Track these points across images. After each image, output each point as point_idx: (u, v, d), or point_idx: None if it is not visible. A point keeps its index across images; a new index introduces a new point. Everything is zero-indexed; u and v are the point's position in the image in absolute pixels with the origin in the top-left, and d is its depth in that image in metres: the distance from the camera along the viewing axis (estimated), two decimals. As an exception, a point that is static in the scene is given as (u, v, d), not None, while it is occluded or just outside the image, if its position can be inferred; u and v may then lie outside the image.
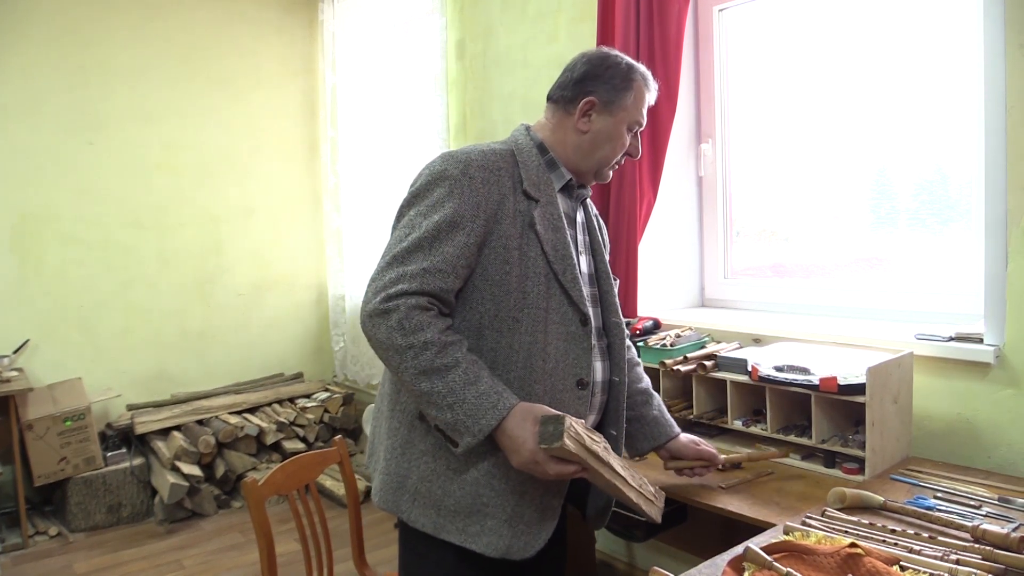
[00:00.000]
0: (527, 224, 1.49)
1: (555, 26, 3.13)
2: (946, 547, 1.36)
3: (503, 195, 1.48)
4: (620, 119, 1.59)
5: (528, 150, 1.58)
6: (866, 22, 2.42)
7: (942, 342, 2.01)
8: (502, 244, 1.46)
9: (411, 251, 1.41)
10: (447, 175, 1.46)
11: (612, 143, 1.60)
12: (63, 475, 3.66)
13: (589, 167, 1.62)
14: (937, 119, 2.29)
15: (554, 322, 1.49)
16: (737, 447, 2.11)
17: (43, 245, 3.98)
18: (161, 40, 4.25)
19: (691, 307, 2.89)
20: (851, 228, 2.59)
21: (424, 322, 1.37)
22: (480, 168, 1.47)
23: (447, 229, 1.42)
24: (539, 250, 1.48)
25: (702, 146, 2.84)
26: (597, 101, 1.58)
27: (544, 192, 1.53)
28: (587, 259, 1.65)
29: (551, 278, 1.49)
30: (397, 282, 1.39)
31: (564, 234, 1.52)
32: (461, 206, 1.43)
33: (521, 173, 1.53)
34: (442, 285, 1.41)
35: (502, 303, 1.46)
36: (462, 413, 1.37)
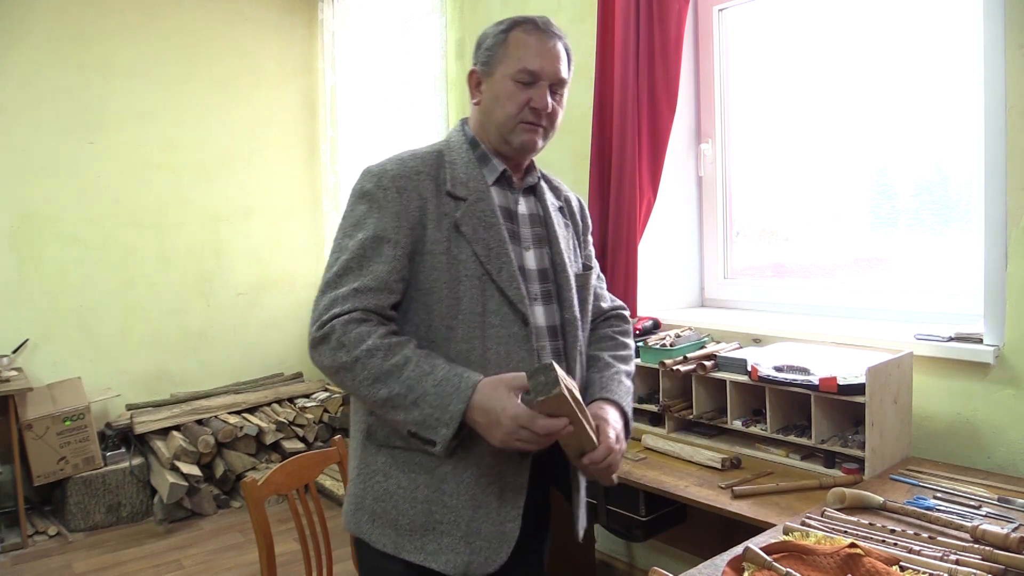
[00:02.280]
0: (453, 226, 1.43)
1: (555, 26, 3.12)
2: (946, 547, 1.36)
3: (424, 200, 1.43)
4: (501, 74, 1.49)
5: (458, 147, 1.53)
6: (866, 22, 2.42)
7: (942, 342, 2.01)
8: (429, 251, 1.42)
9: (341, 275, 1.39)
10: (364, 192, 1.44)
11: (501, 102, 1.49)
12: (62, 475, 3.66)
13: (497, 139, 1.52)
14: (937, 119, 2.29)
15: (493, 325, 1.42)
16: (737, 447, 2.11)
17: (43, 244, 3.98)
18: (161, 40, 4.26)
19: (691, 307, 2.89)
20: (851, 228, 2.59)
21: (364, 332, 1.34)
22: (395, 178, 1.43)
23: (372, 246, 1.39)
24: (469, 252, 1.42)
25: (702, 146, 2.84)
26: (477, 69, 1.54)
27: (473, 189, 1.47)
28: (538, 253, 1.55)
29: (486, 279, 1.42)
30: (330, 307, 1.37)
31: (498, 231, 1.45)
32: (381, 220, 1.40)
33: (446, 174, 1.48)
34: (376, 302, 1.38)
35: (434, 312, 1.42)
36: (428, 406, 1.32)
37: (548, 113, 1.50)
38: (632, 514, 2.13)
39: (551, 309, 1.53)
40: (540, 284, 1.52)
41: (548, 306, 1.53)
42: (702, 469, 2.01)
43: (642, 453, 2.16)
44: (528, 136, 1.50)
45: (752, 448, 2.08)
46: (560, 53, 1.52)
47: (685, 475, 1.98)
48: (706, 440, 2.18)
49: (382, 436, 1.46)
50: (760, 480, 1.90)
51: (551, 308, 1.53)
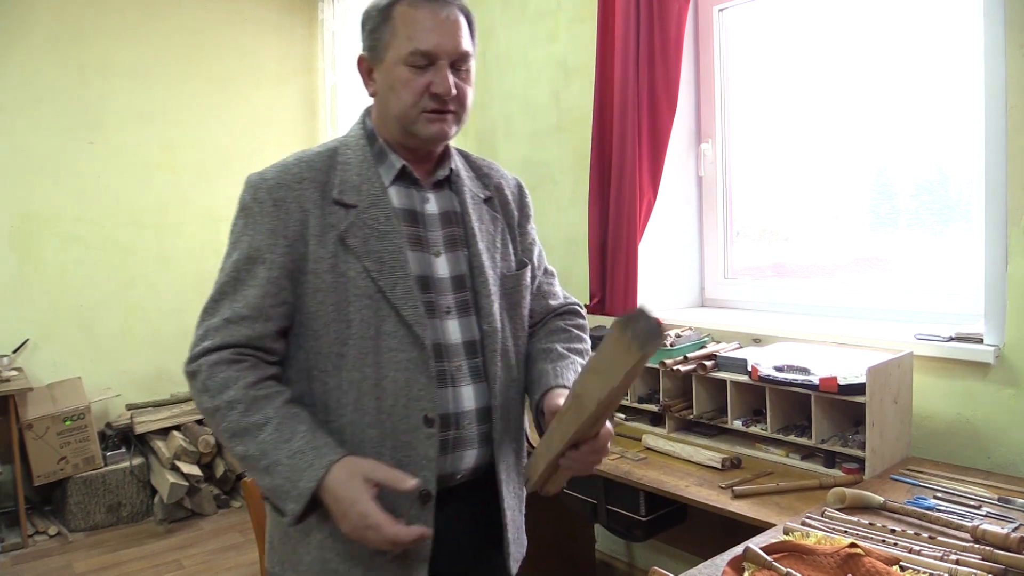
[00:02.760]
0: (338, 240, 1.26)
1: (555, 26, 3.13)
2: (946, 547, 1.36)
3: (305, 212, 1.26)
4: (392, 59, 1.28)
5: (355, 144, 1.34)
6: (866, 22, 2.41)
7: (942, 342, 2.01)
8: (312, 270, 1.25)
9: (217, 300, 1.26)
10: (243, 204, 1.29)
11: (396, 91, 1.28)
12: (62, 475, 3.66)
13: (400, 132, 1.32)
14: (937, 119, 2.29)
15: (389, 349, 1.25)
16: (737, 447, 2.11)
17: (43, 244, 3.98)
18: (161, 40, 4.25)
19: (691, 307, 2.89)
20: (851, 228, 2.59)
21: (229, 378, 1.21)
22: (273, 188, 1.26)
23: (246, 267, 1.25)
24: (359, 267, 1.25)
25: (702, 146, 2.84)
26: (365, 55, 1.34)
27: (366, 193, 1.29)
28: (452, 257, 1.35)
29: (379, 298, 1.25)
30: (203, 339, 1.24)
31: (392, 240, 1.27)
32: (255, 237, 1.25)
33: (336, 177, 1.30)
34: (249, 333, 1.23)
35: (323, 338, 1.26)
36: (279, 477, 1.18)
37: (455, 96, 1.29)
38: (632, 514, 2.13)
39: (468, 322, 1.34)
40: (455, 294, 1.34)
41: (465, 319, 1.34)
42: (702, 469, 2.01)
43: (642, 453, 2.16)
44: (436, 127, 1.30)
45: (752, 448, 2.08)
46: (459, 21, 1.30)
47: (685, 475, 1.98)
48: (706, 440, 2.18)
49: None
50: (760, 480, 1.90)
51: (468, 320, 1.34)
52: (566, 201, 3.13)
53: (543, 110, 3.22)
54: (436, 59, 1.27)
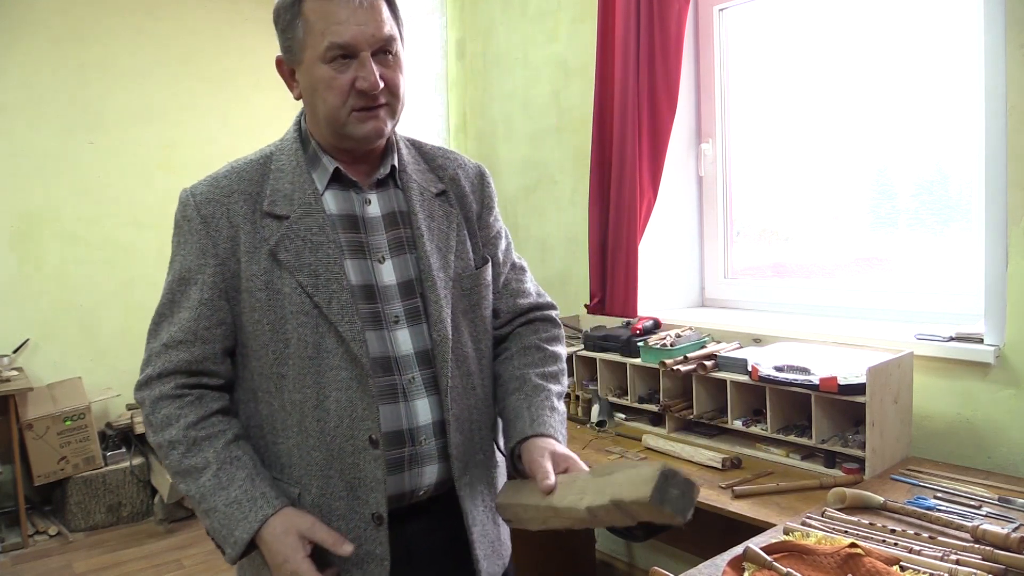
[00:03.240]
0: (270, 255, 1.19)
1: (555, 25, 3.13)
2: (946, 547, 1.36)
3: (235, 227, 1.20)
4: (310, 59, 1.19)
5: (288, 149, 1.27)
6: (866, 22, 2.41)
7: (942, 342, 2.01)
8: (246, 288, 1.19)
9: (157, 323, 1.23)
10: (175, 221, 1.26)
11: (320, 93, 1.19)
12: (63, 474, 3.66)
13: (332, 134, 1.23)
14: (937, 119, 2.29)
15: (331, 368, 1.18)
16: (737, 447, 2.11)
17: (43, 244, 3.98)
18: (162, 40, 4.25)
19: (691, 307, 2.89)
20: (851, 228, 2.59)
21: (171, 416, 1.19)
22: (201, 203, 1.22)
23: (180, 289, 1.22)
24: (293, 283, 1.18)
25: (702, 146, 2.84)
26: (282, 58, 1.28)
27: (298, 203, 1.21)
28: (399, 262, 1.26)
29: (316, 314, 1.18)
30: (146, 365, 1.22)
31: (327, 251, 1.19)
32: (186, 257, 1.22)
33: (267, 188, 1.23)
34: (187, 358, 1.20)
35: (263, 358, 1.20)
36: (216, 522, 1.17)
37: (384, 88, 1.19)
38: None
39: (420, 330, 1.25)
40: (403, 301, 1.25)
41: (416, 327, 1.25)
42: (703, 469, 2.01)
43: (643, 453, 2.16)
44: (369, 124, 1.20)
45: (752, 448, 2.08)
46: (376, 7, 1.18)
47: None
48: (706, 440, 2.18)
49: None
50: (760, 480, 1.90)
51: (420, 328, 1.25)
52: (566, 201, 3.13)
53: (543, 110, 3.22)
54: (357, 51, 1.16)
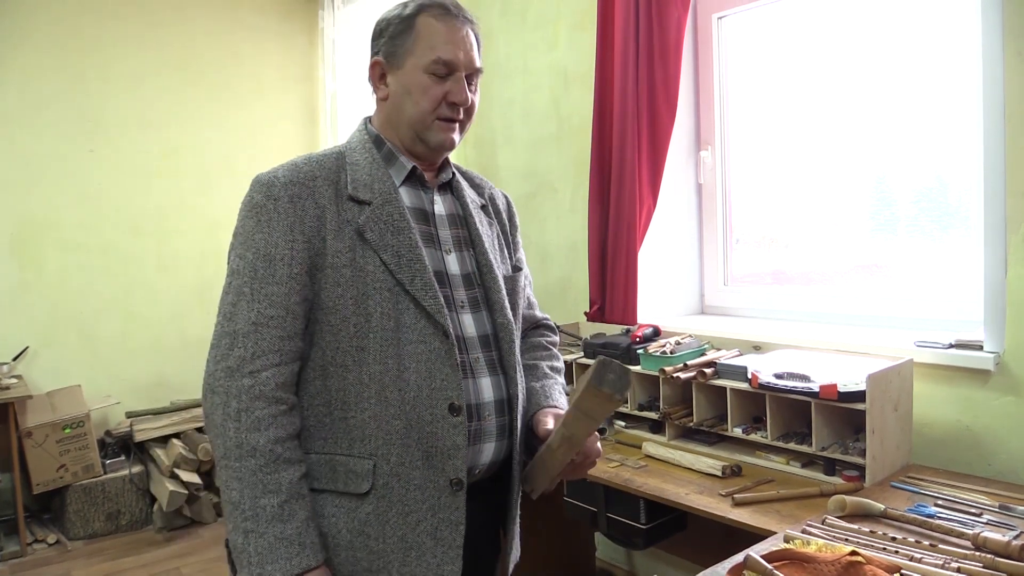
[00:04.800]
0: (356, 234, 1.28)
1: (555, 33, 3.14)
2: (947, 555, 1.35)
3: (322, 208, 1.28)
4: (412, 66, 1.34)
5: (361, 147, 1.38)
6: (865, 30, 2.42)
7: (942, 349, 2.01)
8: (331, 264, 1.26)
9: (236, 304, 1.24)
10: (253, 204, 1.29)
11: (413, 96, 1.34)
12: (62, 483, 3.66)
13: (410, 137, 1.38)
14: (936, 126, 2.29)
15: (410, 342, 1.27)
16: (737, 455, 2.10)
17: (43, 251, 3.98)
18: (161, 47, 4.27)
19: (691, 314, 2.89)
20: (851, 235, 2.59)
21: (262, 420, 1.20)
22: (287, 185, 1.28)
23: (265, 266, 1.24)
24: (377, 261, 1.28)
25: (701, 153, 2.84)
26: (382, 60, 1.38)
27: (379, 191, 1.33)
28: (460, 256, 1.40)
29: (398, 291, 1.28)
30: (232, 348, 1.22)
31: (409, 235, 1.31)
32: (272, 235, 1.25)
33: (347, 177, 1.33)
34: (279, 334, 1.23)
35: (342, 333, 1.26)
36: (254, 546, 1.17)
37: (467, 107, 1.38)
38: (632, 522, 2.13)
39: (480, 317, 1.39)
40: (466, 290, 1.39)
41: (477, 313, 1.39)
42: (703, 476, 2.01)
43: (642, 460, 2.16)
44: (446, 134, 1.37)
45: (752, 455, 2.08)
46: (473, 40, 1.39)
47: (686, 483, 1.98)
48: (706, 447, 2.18)
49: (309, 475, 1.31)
50: (761, 488, 1.89)
51: (480, 316, 1.39)
52: (566, 208, 3.14)
53: (543, 118, 3.23)
54: (455, 70, 1.34)
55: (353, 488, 1.26)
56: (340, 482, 1.26)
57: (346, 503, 1.26)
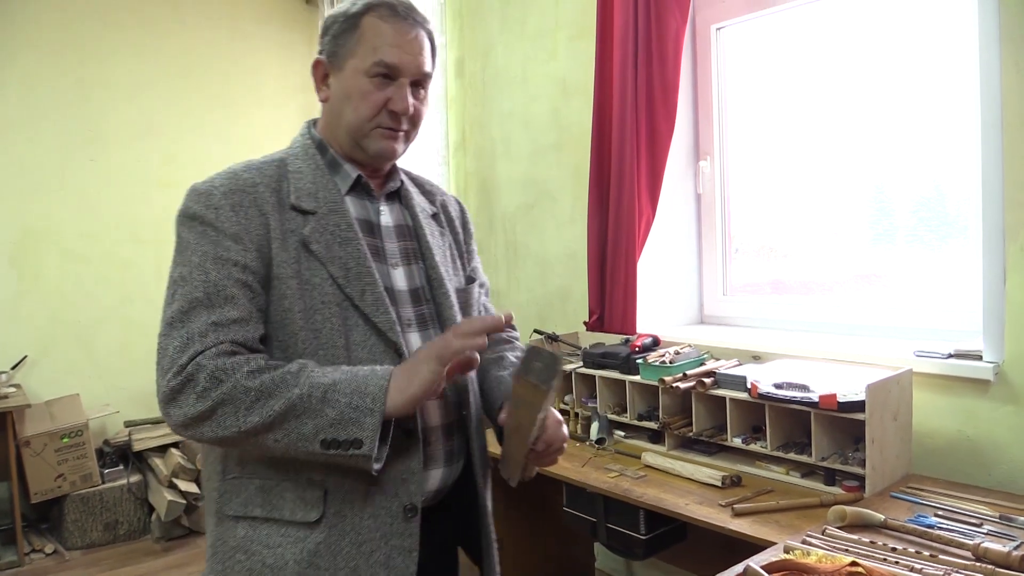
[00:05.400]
0: (301, 245, 1.21)
1: (554, 44, 3.15)
2: (947, 566, 1.35)
3: (265, 216, 1.21)
4: (352, 68, 1.26)
5: (304, 153, 1.31)
6: (863, 40, 2.43)
7: (941, 359, 2.01)
8: (277, 276, 1.19)
9: (187, 310, 1.14)
10: (192, 215, 1.22)
11: (352, 102, 1.26)
12: (60, 492, 3.64)
13: (349, 144, 1.30)
14: (935, 136, 2.30)
15: (360, 360, 1.19)
16: (737, 465, 2.10)
17: (43, 260, 3.98)
18: (162, 56, 4.28)
19: (690, 324, 2.89)
20: (850, 245, 2.59)
21: (239, 360, 1.11)
22: (227, 194, 1.21)
23: (216, 270, 1.16)
24: (324, 274, 1.20)
25: (700, 163, 2.85)
26: (324, 59, 1.31)
27: (324, 200, 1.25)
28: (408, 270, 1.33)
29: (347, 306, 1.20)
30: (186, 346, 1.11)
31: (357, 247, 1.23)
32: (220, 243, 1.18)
33: (290, 185, 1.26)
34: (243, 335, 1.14)
35: (290, 349, 1.18)
36: (343, 395, 1.10)
37: (411, 115, 1.29)
38: (632, 532, 2.12)
39: (428, 336, 1.30)
40: (414, 307, 1.31)
41: (424, 331, 1.31)
42: (702, 487, 2.00)
43: (642, 471, 2.16)
44: (386, 143, 1.28)
45: (752, 466, 2.08)
46: (423, 43, 1.30)
47: (685, 493, 1.97)
48: (706, 457, 2.18)
49: (237, 505, 1.21)
50: (760, 498, 1.89)
51: (428, 334, 1.31)
52: (565, 218, 3.14)
53: (542, 128, 3.23)
54: (398, 75, 1.26)
55: (301, 517, 1.18)
56: (287, 510, 1.18)
57: (293, 532, 1.18)
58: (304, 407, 1.09)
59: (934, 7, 2.25)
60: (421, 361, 1.13)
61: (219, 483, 1.23)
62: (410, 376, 1.12)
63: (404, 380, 1.12)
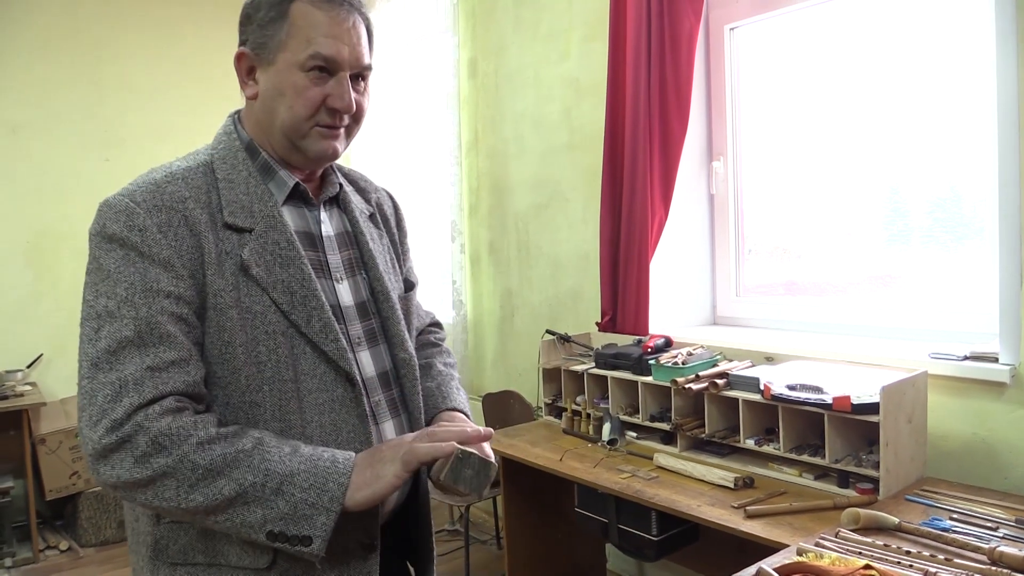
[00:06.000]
0: (239, 269, 1.07)
1: (567, 45, 3.15)
2: (962, 569, 1.34)
3: (198, 237, 1.06)
4: (285, 62, 1.13)
5: (232, 157, 1.16)
6: (878, 40, 2.42)
7: (957, 361, 1.99)
8: (213, 305, 1.06)
9: (115, 350, 0.99)
10: (112, 236, 1.06)
11: (287, 99, 1.13)
12: (74, 489, 3.68)
13: (284, 146, 1.16)
14: (951, 137, 2.28)
15: (310, 391, 1.09)
16: (750, 466, 2.09)
17: (58, 260, 4.02)
18: (176, 59, 4.31)
19: (703, 325, 2.88)
20: (864, 246, 2.58)
21: (188, 424, 0.99)
22: (151, 211, 1.06)
23: (146, 304, 1.01)
24: (266, 300, 1.08)
25: (714, 164, 2.84)
26: (248, 52, 1.18)
27: (261, 216, 1.12)
28: (353, 283, 1.22)
29: (292, 334, 1.09)
30: (119, 397, 0.97)
31: (300, 267, 1.11)
32: (148, 270, 1.03)
33: (221, 197, 1.11)
34: (185, 379, 1.02)
35: (232, 387, 1.06)
36: (299, 489, 0.99)
37: (352, 113, 1.17)
38: (644, 533, 2.12)
39: (378, 351, 1.22)
40: (362, 322, 1.21)
41: (375, 348, 1.21)
42: (715, 488, 2.00)
43: (654, 472, 2.15)
44: (327, 143, 1.16)
45: (765, 467, 2.07)
46: (361, 31, 1.17)
47: (697, 494, 1.96)
48: (718, 459, 2.17)
49: (175, 551, 1.08)
50: (773, 500, 1.88)
51: (378, 350, 1.22)
52: (577, 219, 3.14)
53: (555, 128, 3.23)
54: (337, 68, 1.13)
55: (249, 563, 1.07)
56: (233, 556, 1.07)
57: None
58: (255, 496, 0.99)
59: (950, 6, 2.23)
60: (387, 461, 1.05)
61: (153, 527, 1.10)
62: (372, 475, 1.04)
63: (366, 478, 1.03)
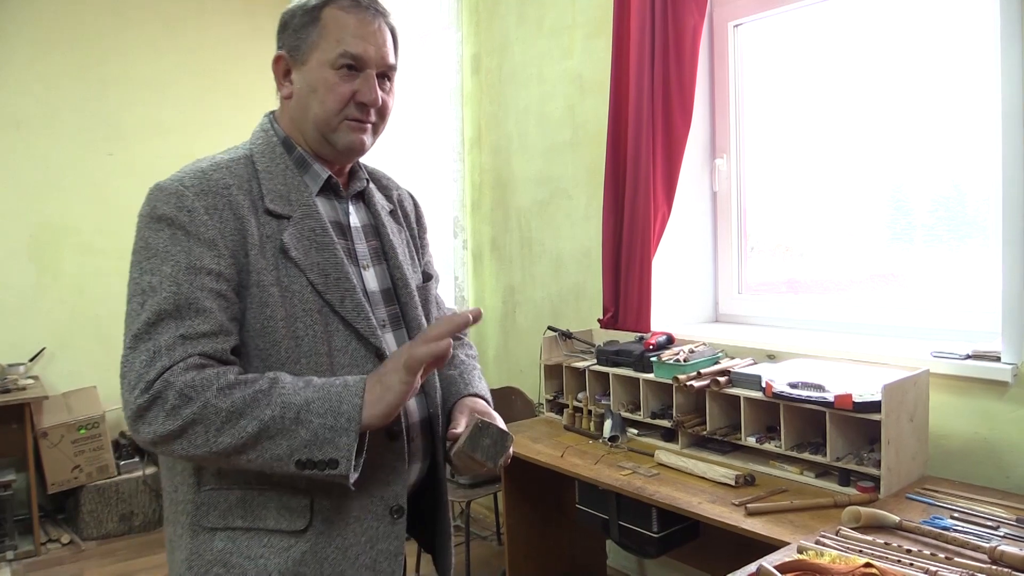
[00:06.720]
0: (279, 251, 1.18)
1: (570, 41, 3.15)
2: (963, 568, 1.34)
3: (241, 220, 1.16)
4: (317, 61, 1.22)
5: (270, 152, 1.26)
6: (882, 38, 2.41)
7: (959, 360, 1.99)
8: (256, 283, 1.15)
9: (154, 322, 1.08)
10: (161, 216, 1.16)
11: (318, 95, 1.23)
12: (76, 483, 3.69)
13: (316, 139, 1.27)
14: (954, 134, 2.28)
15: (342, 366, 1.19)
16: (751, 464, 2.09)
17: (61, 254, 4.03)
18: (179, 53, 4.32)
19: (705, 322, 2.88)
20: (867, 244, 2.58)
21: (209, 375, 1.07)
22: (199, 195, 1.15)
23: (189, 281, 1.10)
24: (303, 281, 1.18)
25: (717, 161, 2.84)
26: (285, 54, 1.27)
27: (297, 204, 1.23)
28: (377, 271, 1.33)
29: (327, 312, 1.19)
30: (153, 361, 1.06)
31: (334, 252, 1.22)
32: (194, 249, 1.12)
33: (262, 186, 1.22)
34: (213, 348, 1.10)
35: (271, 358, 1.15)
36: (316, 415, 1.07)
37: (379, 107, 1.27)
38: (645, 530, 2.12)
39: (401, 335, 1.31)
40: (386, 307, 1.31)
41: (398, 331, 1.31)
42: (715, 486, 2.00)
43: (655, 469, 2.15)
44: (355, 136, 1.26)
45: (766, 465, 2.07)
46: (387, 34, 1.28)
47: (698, 491, 1.97)
48: (720, 456, 2.17)
49: (215, 517, 1.17)
50: (774, 497, 1.88)
51: (401, 333, 1.31)
52: (580, 216, 3.14)
53: (558, 125, 3.23)
54: (365, 66, 1.24)
55: (287, 526, 1.15)
56: (271, 519, 1.15)
57: (277, 542, 1.15)
58: (277, 428, 1.07)
59: (954, 3, 2.23)
60: (390, 371, 1.12)
61: (194, 495, 1.18)
62: (382, 388, 1.11)
63: (377, 393, 1.10)
